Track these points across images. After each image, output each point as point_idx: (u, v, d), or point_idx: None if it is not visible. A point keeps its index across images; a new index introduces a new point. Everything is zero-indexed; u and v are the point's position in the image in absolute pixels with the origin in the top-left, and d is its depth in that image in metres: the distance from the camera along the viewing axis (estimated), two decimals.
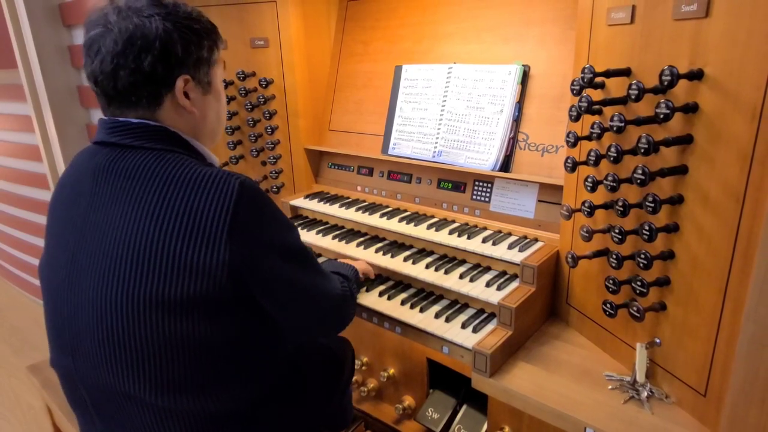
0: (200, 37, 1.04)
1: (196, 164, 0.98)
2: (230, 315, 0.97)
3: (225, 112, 1.21)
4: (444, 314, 1.39)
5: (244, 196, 0.93)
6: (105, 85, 0.99)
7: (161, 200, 0.92)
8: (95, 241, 0.96)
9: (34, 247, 3.51)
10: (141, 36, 0.96)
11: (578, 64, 1.27)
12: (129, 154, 0.98)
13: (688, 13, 0.97)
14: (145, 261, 0.91)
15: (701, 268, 1.02)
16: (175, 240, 0.91)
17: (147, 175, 0.95)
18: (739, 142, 0.91)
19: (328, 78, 2.14)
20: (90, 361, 0.98)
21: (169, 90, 1.02)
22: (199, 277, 0.91)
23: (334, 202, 1.96)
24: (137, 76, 0.97)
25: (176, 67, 1.00)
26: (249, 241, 0.94)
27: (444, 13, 1.82)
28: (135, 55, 0.96)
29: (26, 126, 3.04)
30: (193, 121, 1.08)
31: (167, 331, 0.92)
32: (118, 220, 0.94)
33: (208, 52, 1.07)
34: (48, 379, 1.79)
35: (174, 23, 0.99)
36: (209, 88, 1.10)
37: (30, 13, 2.54)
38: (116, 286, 0.93)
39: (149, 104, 1.01)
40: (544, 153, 1.55)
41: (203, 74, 1.07)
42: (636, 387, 1.16)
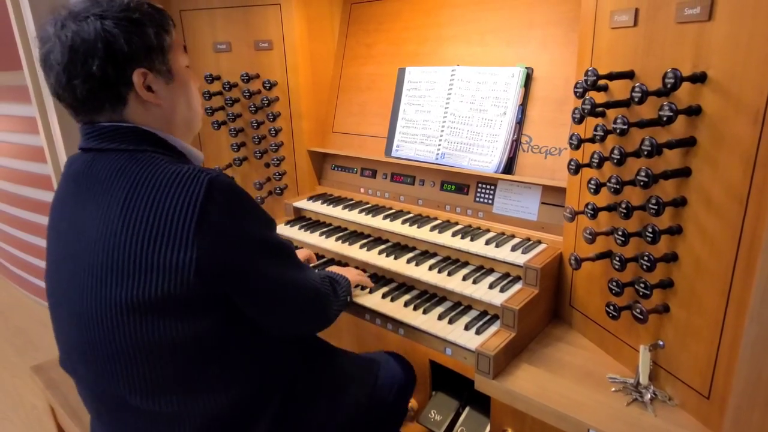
0: (142, 26, 0.99)
1: (168, 162, 0.96)
2: (203, 314, 0.96)
3: (197, 99, 1.15)
4: (447, 316, 1.39)
5: (214, 193, 0.91)
6: (66, 97, 0.98)
7: (130, 202, 0.92)
8: (74, 246, 0.97)
9: (38, 248, 3.53)
10: (82, 41, 0.93)
11: (581, 66, 1.28)
12: (102, 158, 0.98)
13: (691, 16, 0.97)
14: (114, 264, 0.91)
15: (704, 270, 1.02)
16: (142, 241, 0.90)
17: (117, 177, 0.95)
18: (742, 145, 0.92)
19: (331, 80, 2.15)
20: (82, 365, 1.01)
21: (130, 88, 0.99)
22: (166, 277, 0.90)
23: (337, 203, 1.96)
24: (91, 82, 0.95)
25: (126, 63, 0.97)
26: (219, 240, 0.92)
27: (447, 15, 1.83)
28: (82, 62, 0.94)
29: (31, 127, 3.06)
30: (163, 113, 1.05)
31: (141, 333, 0.92)
32: (91, 224, 0.95)
33: (156, 39, 1.01)
34: (51, 379, 1.80)
35: (112, 19, 0.95)
36: (171, 76, 1.06)
37: (35, 15, 2.55)
38: (89, 292, 0.93)
39: (113, 106, 1.00)
40: (547, 155, 1.55)
41: (159, 63, 1.02)
42: (639, 389, 1.16)
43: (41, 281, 3.62)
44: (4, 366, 3.06)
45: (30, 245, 3.61)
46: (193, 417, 0.99)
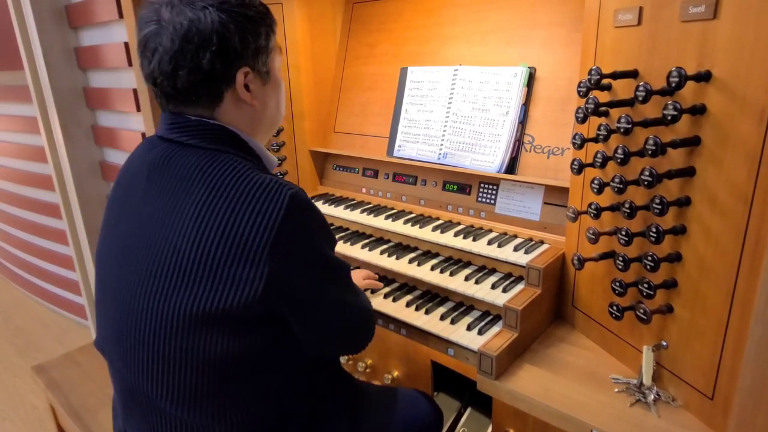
0: (257, 25, 0.97)
1: (250, 169, 0.93)
2: (255, 331, 0.93)
3: (284, 100, 1.15)
4: (449, 316, 1.39)
5: (293, 211, 0.89)
6: (165, 85, 0.95)
7: (208, 206, 0.89)
8: (142, 236, 0.94)
9: (40, 249, 3.53)
10: (197, 32, 0.90)
11: (585, 65, 1.27)
12: (183, 152, 0.95)
13: (696, 14, 0.97)
14: (180, 268, 0.88)
15: (709, 271, 1.02)
16: (216, 250, 0.87)
17: (198, 176, 0.92)
18: (746, 144, 0.91)
19: (333, 80, 2.15)
20: (118, 358, 0.99)
21: (230, 85, 0.97)
22: (232, 291, 0.87)
23: (339, 203, 1.96)
24: (197, 74, 0.92)
25: (235, 60, 0.95)
26: (290, 259, 0.90)
27: (449, 15, 1.82)
28: (193, 53, 0.91)
29: (32, 127, 3.06)
30: (254, 113, 1.04)
31: (190, 343, 0.90)
32: (164, 219, 0.92)
33: (265, 40, 1.00)
34: (52, 379, 1.80)
35: (229, 13, 0.93)
36: (268, 77, 1.04)
37: (36, 15, 2.55)
38: (145, 289, 0.91)
39: (209, 102, 0.97)
40: (550, 155, 1.55)
41: (262, 64, 1.01)
42: (642, 390, 1.16)
43: (43, 282, 3.62)
44: (5, 366, 3.06)
45: (31, 245, 3.61)
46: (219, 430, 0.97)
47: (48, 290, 3.59)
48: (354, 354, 1.23)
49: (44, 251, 3.48)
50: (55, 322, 3.48)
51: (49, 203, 3.25)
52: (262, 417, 1.01)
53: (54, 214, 3.23)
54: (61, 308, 3.53)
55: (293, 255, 0.90)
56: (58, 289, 3.49)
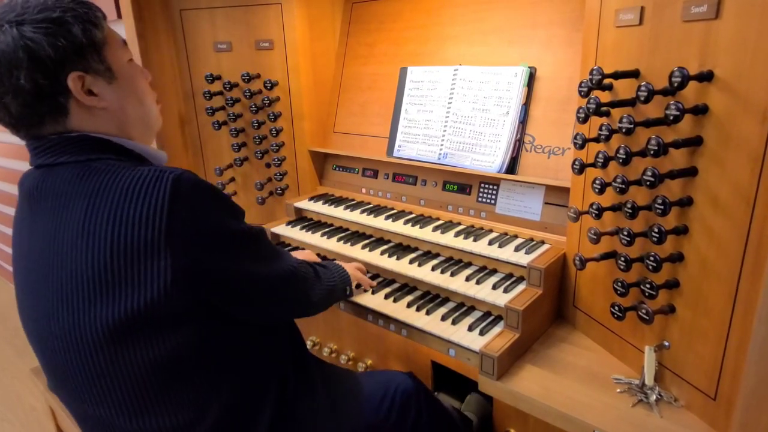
0: (66, 24, 0.88)
1: (127, 167, 0.88)
2: (181, 326, 0.90)
3: (148, 94, 1.06)
4: (450, 317, 1.39)
5: (179, 194, 0.84)
6: (1, 116, 0.91)
7: (90, 214, 0.85)
8: (40, 267, 0.91)
9: None
10: (2, 55, 0.84)
11: (586, 65, 1.27)
12: (54, 172, 0.91)
13: (698, 14, 0.96)
14: (81, 284, 0.85)
15: (711, 271, 1.01)
16: (110, 255, 0.83)
17: (73, 190, 0.87)
18: (749, 144, 0.91)
19: (332, 80, 2.14)
20: (63, 390, 0.97)
21: (68, 95, 0.90)
22: (141, 290, 0.84)
23: (339, 204, 1.95)
24: (23, 96, 0.87)
25: (57, 69, 0.88)
26: (192, 241, 0.86)
27: (449, 15, 1.82)
28: (7, 76, 0.85)
29: None
30: (112, 117, 0.97)
31: (119, 354, 0.87)
32: (51, 242, 0.88)
33: (85, 36, 0.90)
34: None
35: (30, 23, 0.85)
36: (112, 74, 0.96)
37: None
38: (58, 318, 0.88)
39: (54, 118, 0.91)
40: (551, 155, 1.55)
41: (96, 62, 0.93)
42: (644, 390, 1.16)
43: None
44: (4, 367, 3.05)
45: None
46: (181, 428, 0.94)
47: None
48: (304, 315, 1.23)
49: None
50: None
51: None
52: (225, 408, 0.98)
53: None
54: None
55: (194, 237, 0.86)
56: None
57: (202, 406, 0.96)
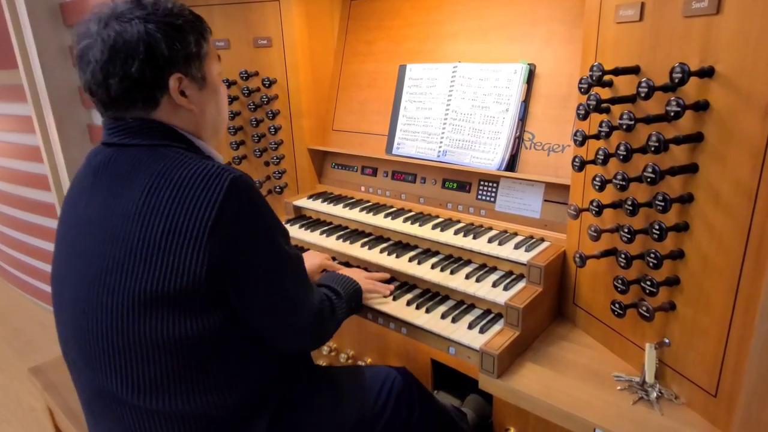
0: (184, 33, 1.02)
1: (192, 158, 0.97)
2: (209, 312, 0.96)
3: (225, 104, 1.20)
4: (450, 315, 1.38)
5: (234, 194, 0.92)
6: (99, 93, 1.00)
7: (150, 195, 0.93)
8: (88, 239, 0.98)
9: (36, 249, 3.50)
10: (123, 42, 0.95)
11: (586, 62, 1.26)
12: (125, 152, 1.00)
13: (699, 9, 0.96)
14: (128, 256, 0.92)
15: (712, 268, 1.01)
16: (159, 235, 0.91)
17: (138, 170, 0.96)
18: (751, 141, 0.91)
19: (331, 78, 2.13)
20: (81, 356, 1.00)
21: (164, 91, 1.01)
22: (178, 273, 0.91)
23: (338, 202, 1.95)
24: (127, 82, 0.97)
25: (165, 67, 0.99)
26: (230, 239, 0.93)
27: (448, 12, 1.81)
28: (122, 62, 0.95)
29: (27, 127, 3.03)
30: (193, 118, 1.08)
31: (146, 327, 0.92)
32: (109, 215, 0.95)
33: (196, 47, 1.04)
34: (50, 381, 1.78)
35: (155, 23, 0.98)
36: (204, 83, 1.08)
37: (31, 13, 2.53)
38: (102, 283, 0.94)
39: (145, 107, 1.01)
40: (551, 152, 1.54)
41: (196, 69, 1.05)
42: (645, 388, 1.15)
43: (39, 282, 3.60)
44: (3, 368, 3.04)
45: (27, 246, 3.59)
46: (190, 417, 0.98)
47: (44, 290, 3.56)
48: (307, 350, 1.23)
49: (40, 251, 3.46)
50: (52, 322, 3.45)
51: (45, 203, 3.23)
52: (232, 403, 1.02)
53: (49, 213, 3.20)
54: None
55: (234, 235, 0.93)
56: None
57: (214, 394, 0.99)
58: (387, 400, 1.30)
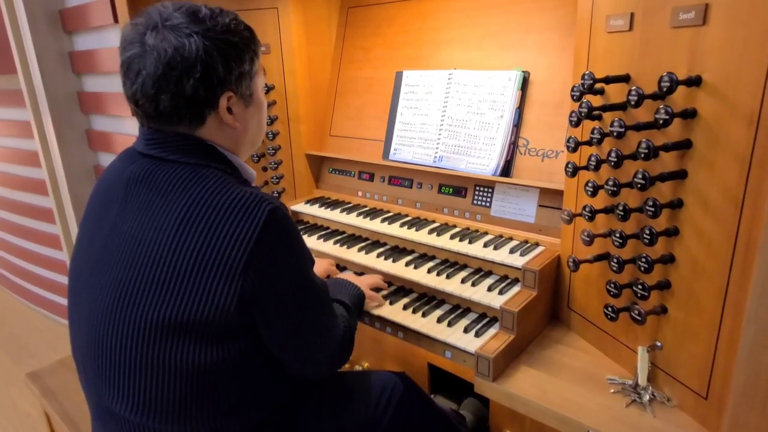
0: (241, 51, 0.99)
1: (230, 183, 0.94)
2: (230, 343, 0.94)
3: (265, 119, 1.18)
4: (446, 319, 1.40)
5: (271, 227, 0.91)
6: (146, 107, 0.96)
7: (188, 218, 0.90)
8: (118, 250, 0.95)
9: (34, 254, 3.50)
10: (182, 59, 0.92)
11: (578, 70, 1.29)
12: (163, 167, 0.97)
13: (686, 20, 0.98)
14: (157, 278, 0.90)
15: (701, 272, 1.03)
16: (193, 262, 0.89)
17: (177, 190, 0.93)
18: (737, 148, 0.93)
19: (329, 84, 2.15)
20: (93, 368, 0.98)
21: (213, 109, 0.99)
22: (207, 303, 0.89)
23: (335, 207, 1.96)
24: (179, 99, 0.94)
25: (218, 86, 0.97)
26: (264, 274, 0.91)
27: (444, 20, 1.84)
28: (177, 79, 0.92)
29: (25, 132, 3.04)
30: (235, 134, 1.06)
31: (163, 352, 0.90)
32: (142, 231, 0.93)
33: (249, 65, 1.02)
34: (47, 386, 1.79)
35: (213, 41, 0.94)
36: (251, 100, 1.06)
37: (30, 19, 2.54)
38: (125, 301, 0.91)
39: (191, 123, 0.99)
40: (545, 158, 1.57)
41: (245, 87, 1.03)
42: (638, 390, 1.17)
43: (36, 287, 3.60)
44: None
45: (24, 251, 3.59)
46: None
47: (41, 296, 3.56)
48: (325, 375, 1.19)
49: (37, 256, 3.46)
50: (49, 327, 3.46)
51: (43, 208, 3.23)
52: (242, 425, 1.00)
53: (47, 218, 3.21)
54: (54, 314, 3.50)
55: (268, 270, 0.92)
56: (51, 294, 3.47)
57: (225, 418, 0.97)
58: (387, 405, 1.30)
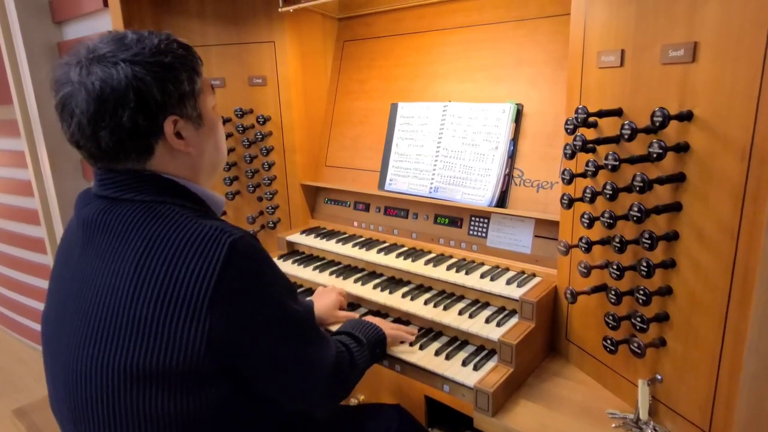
0: (176, 72, 0.93)
1: (188, 218, 0.89)
2: (207, 388, 0.89)
3: (224, 140, 1.11)
4: (444, 351, 1.38)
5: (234, 260, 0.85)
6: (89, 147, 0.92)
7: (144, 261, 0.86)
8: (79, 298, 0.91)
9: (21, 284, 3.44)
10: (111, 90, 0.86)
11: (570, 103, 1.31)
12: (117, 208, 0.92)
13: (676, 58, 1.01)
14: (120, 326, 0.85)
15: (699, 304, 1.03)
16: (154, 306, 0.84)
17: (132, 231, 0.88)
18: (730, 181, 0.94)
19: (324, 115, 2.18)
20: (70, 424, 0.94)
21: (159, 137, 0.93)
22: (175, 349, 0.84)
23: (331, 237, 1.96)
24: (119, 133, 0.89)
25: (159, 113, 0.91)
26: (233, 312, 0.86)
27: (438, 53, 1.88)
28: (111, 112, 0.87)
29: (19, 161, 3.03)
30: (190, 160, 1.00)
31: (138, 402, 0.85)
32: (100, 279, 0.89)
33: (189, 84, 0.95)
34: (33, 423, 1.73)
35: (143, 65, 0.88)
36: (201, 121, 1.00)
37: (28, 50, 2.57)
38: (88, 352, 0.87)
39: (139, 157, 0.94)
40: (539, 189, 1.58)
41: (191, 108, 0.96)
42: (639, 425, 1.15)
43: (21, 317, 3.52)
44: None
45: (11, 280, 3.52)
46: None
47: (27, 326, 3.48)
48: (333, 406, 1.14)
49: (25, 286, 3.40)
50: (35, 359, 3.37)
51: (34, 238, 3.19)
52: None
53: (38, 248, 3.16)
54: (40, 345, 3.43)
55: (237, 306, 0.86)
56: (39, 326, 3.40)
57: None
58: None
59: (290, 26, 1.97)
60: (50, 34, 2.63)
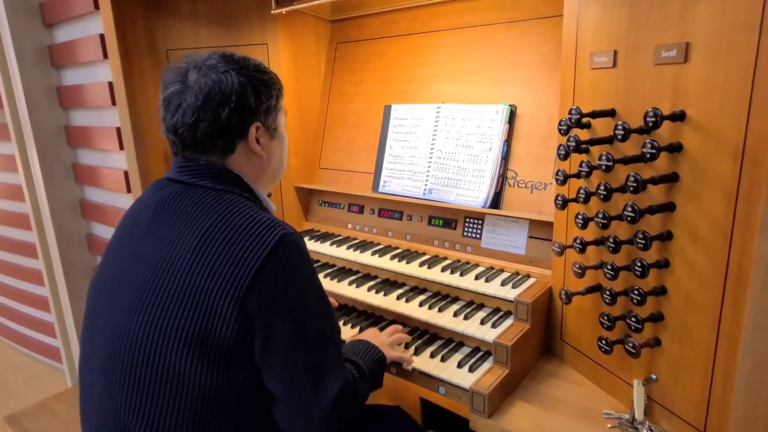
0: (269, 87, 1.11)
1: (251, 207, 1.02)
2: (239, 371, 0.96)
3: (286, 155, 1.26)
4: (439, 354, 1.38)
5: (280, 251, 0.94)
6: (185, 135, 1.06)
7: (206, 237, 0.96)
8: (142, 266, 1.00)
9: (12, 290, 3.40)
10: (219, 91, 1.03)
11: (564, 104, 1.31)
12: (191, 191, 1.05)
13: (668, 58, 1.02)
14: (174, 294, 0.94)
15: (693, 304, 1.03)
16: (206, 279, 0.93)
17: (202, 210, 1.00)
18: (723, 181, 0.95)
19: (318, 117, 2.17)
20: (102, 381, 0.99)
21: (243, 138, 1.09)
22: (218, 322, 0.92)
23: (325, 239, 1.95)
24: (215, 127, 1.04)
25: (249, 116, 1.08)
26: (265, 297, 0.94)
27: (431, 55, 1.88)
28: (214, 108, 1.03)
29: (9, 165, 3.00)
30: (260, 164, 1.14)
31: (182, 369, 0.93)
32: (165, 250, 0.99)
33: (275, 100, 1.14)
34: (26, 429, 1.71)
35: (247, 76, 1.06)
36: (275, 133, 1.17)
37: (18, 55, 2.54)
38: (142, 313, 0.96)
39: (223, 152, 1.08)
40: (533, 190, 1.58)
41: (271, 121, 1.14)
42: (635, 425, 1.15)
43: (13, 323, 3.48)
44: None
45: (2, 286, 3.48)
46: None
47: (19, 332, 3.44)
48: None
49: (17, 292, 3.36)
50: (27, 365, 3.33)
51: (26, 242, 3.16)
52: None
53: (29, 253, 3.13)
54: (33, 351, 3.38)
55: (268, 293, 0.94)
56: (30, 331, 3.36)
57: None
58: None
59: (283, 28, 1.97)
60: (40, 36, 2.60)
